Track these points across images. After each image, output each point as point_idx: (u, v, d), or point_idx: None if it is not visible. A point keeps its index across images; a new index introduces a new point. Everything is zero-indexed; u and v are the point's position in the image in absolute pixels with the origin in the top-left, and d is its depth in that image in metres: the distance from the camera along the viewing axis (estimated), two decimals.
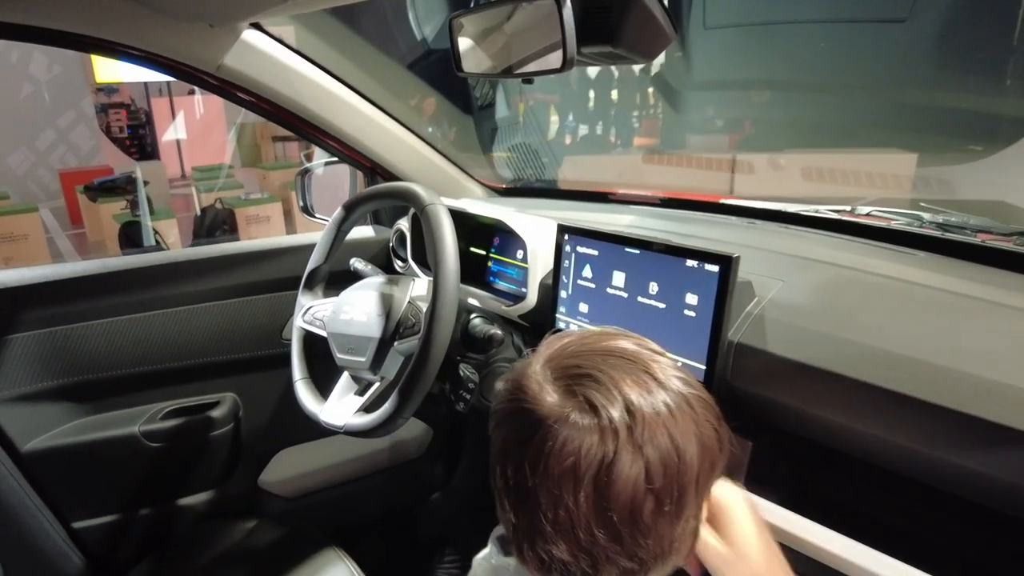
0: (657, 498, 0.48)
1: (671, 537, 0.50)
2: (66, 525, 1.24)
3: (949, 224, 1.02)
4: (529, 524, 0.51)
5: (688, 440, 0.49)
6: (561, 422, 0.48)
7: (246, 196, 6.34)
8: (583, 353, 0.52)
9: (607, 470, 0.47)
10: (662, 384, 0.50)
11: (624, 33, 0.68)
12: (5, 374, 1.16)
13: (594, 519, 0.48)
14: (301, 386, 1.13)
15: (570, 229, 1.00)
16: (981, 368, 0.68)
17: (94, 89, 8.30)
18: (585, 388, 0.49)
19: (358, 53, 4.55)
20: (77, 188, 6.55)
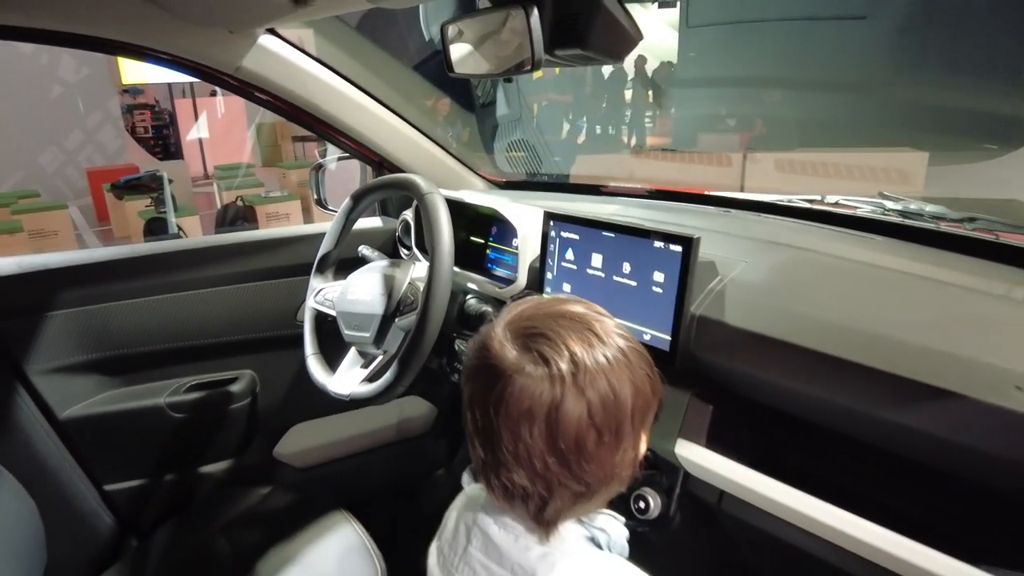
0: (598, 431, 0.58)
1: (612, 463, 0.60)
2: (98, 487, 1.36)
3: (908, 211, 1.10)
4: (494, 458, 0.61)
5: (623, 385, 0.59)
6: (518, 373, 0.58)
7: (266, 194, 6.51)
8: (537, 316, 0.63)
9: (556, 410, 0.57)
10: (602, 340, 0.60)
11: (592, 37, 0.77)
12: (45, 348, 1.28)
13: (547, 449, 0.58)
14: (312, 361, 1.24)
15: (555, 216, 1.10)
16: (916, 336, 0.76)
17: (120, 90, 8.53)
18: (538, 344, 0.59)
19: (373, 60, 4.70)
20: (104, 186, 6.75)
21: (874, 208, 1.15)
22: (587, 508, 0.65)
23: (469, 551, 0.68)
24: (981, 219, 1.03)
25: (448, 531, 0.74)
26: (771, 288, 0.93)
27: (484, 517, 0.68)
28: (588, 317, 0.62)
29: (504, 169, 4.60)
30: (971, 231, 1.00)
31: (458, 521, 0.73)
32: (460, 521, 0.72)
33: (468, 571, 0.68)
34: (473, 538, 0.69)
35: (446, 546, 0.73)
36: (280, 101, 1.40)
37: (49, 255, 1.30)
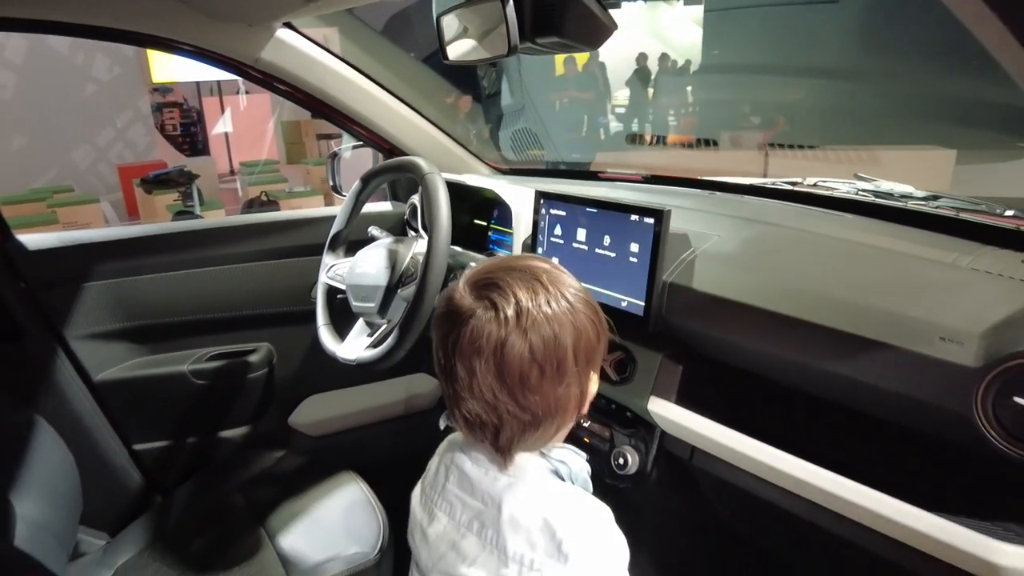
0: (540, 367, 0.66)
1: (555, 396, 0.69)
2: (128, 446, 1.48)
3: (880, 192, 1.17)
4: (454, 392, 0.70)
5: (563, 328, 0.67)
6: (472, 316, 0.67)
7: (290, 190, 6.67)
8: (494, 270, 0.71)
9: (501, 347, 0.66)
10: (547, 288, 0.68)
11: (566, 25, 0.85)
12: (82, 315, 1.40)
13: (495, 383, 0.67)
14: (323, 330, 1.33)
15: (545, 194, 1.18)
16: (864, 297, 0.83)
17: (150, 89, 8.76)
18: (489, 292, 0.68)
19: (397, 62, 4.85)
20: (134, 181, 6.95)
21: (849, 190, 1.22)
22: (539, 438, 0.72)
23: (447, 487, 0.77)
24: (945, 198, 1.09)
25: (431, 473, 0.82)
26: (738, 258, 1.01)
27: (460, 455, 0.77)
28: (538, 270, 0.71)
29: (508, 156, 4.72)
30: (935, 209, 1.07)
31: (439, 463, 0.82)
32: (440, 463, 0.81)
33: (445, 505, 0.77)
34: (450, 475, 0.77)
35: (428, 486, 0.81)
36: (298, 91, 1.51)
37: (86, 231, 1.42)
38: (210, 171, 7.91)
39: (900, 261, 0.91)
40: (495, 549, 0.70)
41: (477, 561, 0.71)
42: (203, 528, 1.31)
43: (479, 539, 0.72)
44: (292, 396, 1.67)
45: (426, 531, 0.78)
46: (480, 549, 0.72)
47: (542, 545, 0.68)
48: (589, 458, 0.82)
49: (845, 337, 0.80)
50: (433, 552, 0.76)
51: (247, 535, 1.26)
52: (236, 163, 8.87)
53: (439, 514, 0.77)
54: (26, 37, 6.65)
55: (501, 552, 0.70)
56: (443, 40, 0.99)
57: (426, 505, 0.80)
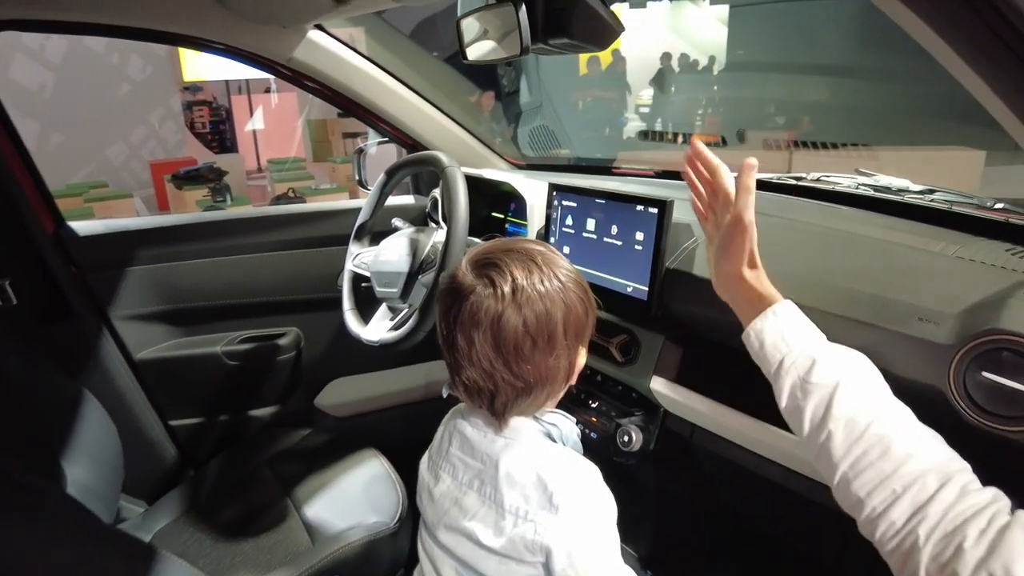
0: (532, 339, 0.73)
1: (546, 366, 0.75)
2: (164, 422, 1.58)
3: (879, 186, 1.22)
4: (455, 361, 0.77)
5: (555, 304, 0.74)
6: (472, 292, 0.74)
7: (316, 187, 6.81)
8: (493, 251, 0.78)
9: (498, 320, 0.73)
10: (541, 268, 0.75)
11: (574, 28, 0.92)
12: (126, 297, 1.50)
13: (492, 352, 0.73)
14: (349, 315, 1.42)
15: (557, 187, 1.25)
16: (853, 282, 0.89)
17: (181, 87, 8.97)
18: (488, 271, 0.75)
19: (425, 64, 4.97)
20: (165, 177, 7.15)
21: (850, 184, 1.27)
22: (531, 404, 0.78)
23: (450, 451, 0.84)
24: (940, 192, 1.14)
25: (436, 440, 0.90)
26: None
27: (461, 422, 0.84)
28: (534, 252, 0.77)
29: (526, 153, 4.80)
30: (929, 202, 1.12)
31: (443, 431, 0.89)
32: (444, 430, 0.89)
33: (449, 467, 0.84)
34: (453, 440, 0.85)
35: (434, 452, 0.89)
36: (327, 89, 1.59)
37: (130, 219, 1.52)
38: (238, 168, 8.08)
39: (890, 249, 0.97)
40: (493, 503, 0.77)
41: (478, 515, 0.78)
42: (234, 498, 1.40)
43: (479, 495, 0.79)
44: (318, 378, 1.76)
45: (432, 491, 0.85)
46: (480, 504, 0.79)
47: (535, 498, 0.75)
48: (593, 434, 0.89)
49: (832, 318, 0.85)
50: (438, 509, 0.83)
51: (275, 505, 1.35)
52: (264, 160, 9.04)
53: (443, 475, 0.84)
54: (65, 38, 6.87)
55: (499, 506, 0.77)
56: (462, 41, 1.06)
57: (432, 469, 0.87)
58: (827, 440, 0.68)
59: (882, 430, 0.66)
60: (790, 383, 0.73)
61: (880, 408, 0.68)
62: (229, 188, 6.16)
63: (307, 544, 1.23)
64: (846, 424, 0.67)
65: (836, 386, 0.70)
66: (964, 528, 0.57)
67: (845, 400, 0.69)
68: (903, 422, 0.67)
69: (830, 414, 0.69)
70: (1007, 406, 0.70)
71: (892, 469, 0.63)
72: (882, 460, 0.64)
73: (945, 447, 0.66)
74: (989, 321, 0.72)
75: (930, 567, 0.58)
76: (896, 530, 0.61)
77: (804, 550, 1.14)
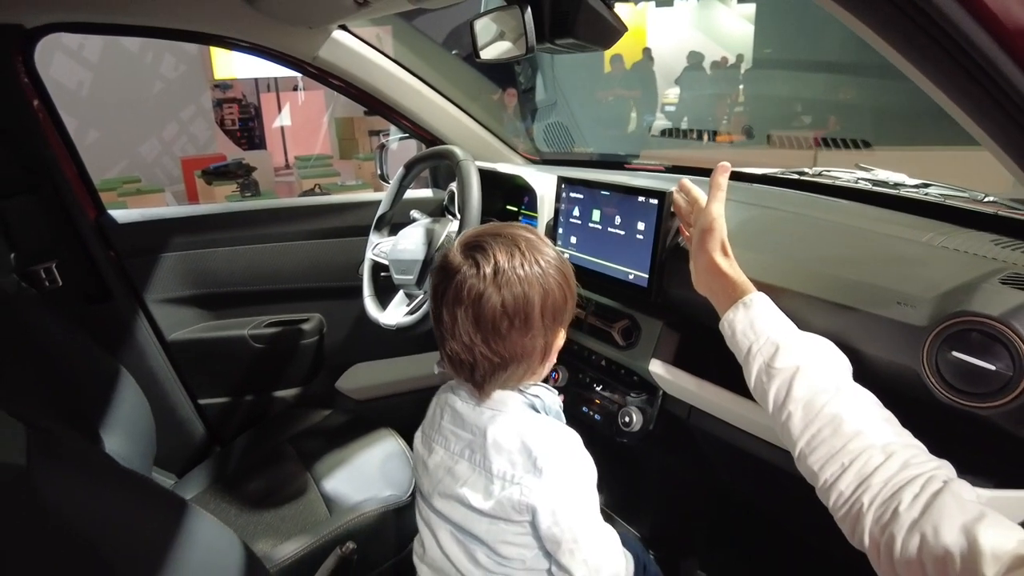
0: (510, 319, 0.79)
1: (521, 344, 0.80)
2: (194, 400, 1.67)
3: (877, 180, 1.26)
4: (440, 334, 0.83)
5: (533, 287, 0.80)
6: (458, 272, 0.80)
7: (342, 183, 6.94)
8: (482, 234, 0.84)
9: (479, 299, 0.78)
10: (523, 254, 0.81)
11: (579, 28, 0.98)
12: (159, 282, 1.59)
13: (472, 329, 0.79)
14: (368, 301, 1.49)
15: (566, 179, 1.31)
16: (841, 269, 0.94)
17: (212, 85, 9.18)
18: (475, 253, 0.81)
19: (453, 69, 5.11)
20: (195, 173, 7.34)
21: (850, 178, 1.31)
22: (508, 378, 0.83)
23: (442, 424, 0.91)
24: (935, 186, 1.18)
25: (428, 416, 0.96)
26: (735, 236, 1.10)
27: (451, 397, 0.91)
28: (519, 237, 0.83)
29: (541, 148, 4.91)
30: (924, 195, 1.16)
31: (435, 407, 0.95)
32: (436, 406, 0.95)
33: (441, 439, 0.90)
34: (444, 414, 0.91)
35: (427, 426, 0.95)
36: (350, 86, 1.67)
37: (165, 208, 1.62)
38: (266, 164, 8.25)
39: (879, 239, 1.01)
40: (483, 470, 0.84)
41: (468, 481, 0.85)
42: (258, 472, 1.48)
43: (469, 463, 0.85)
44: (340, 363, 1.84)
45: (426, 462, 0.92)
46: (471, 471, 0.85)
47: (520, 463, 0.81)
48: (597, 415, 0.94)
49: (820, 303, 0.90)
50: (432, 478, 0.90)
51: (296, 479, 1.43)
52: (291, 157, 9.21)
53: (436, 447, 0.90)
54: (101, 38, 7.08)
55: (487, 471, 0.83)
56: (475, 42, 1.12)
57: (425, 442, 0.94)
58: (787, 419, 0.75)
59: (835, 410, 0.72)
60: (756, 368, 0.80)
61: (836, 390, 0.74)
62: (257, 184, 6.32)
63: (325, 514, 1.31)
64: (804, 405, 0.74)
65: (796, 370, 0.76)
66: (900, 494, 0.63)
67: (804, 383, 0.75)
68: (857, 403, 0.73)
69: (790, 396, 0.75)
70: (974, 384, 0.74)
71: (841, 445, 0.69)
72: (833, 437, 0.70)
73: (894, 427, 0.72)
74: (961, 304, 0.77)
75: (873, 529, 0.64)
76: (845, 499, 0.68)
77: (799, 530, 1.19)
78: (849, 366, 0.80)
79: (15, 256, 1.36)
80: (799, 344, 0.79)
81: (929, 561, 0.58)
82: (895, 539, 0.61)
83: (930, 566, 0.58)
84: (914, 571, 0.59)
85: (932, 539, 0.58)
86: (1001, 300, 0.75)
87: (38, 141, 1.38)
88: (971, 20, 0.43)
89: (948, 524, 0.58)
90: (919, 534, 0.59)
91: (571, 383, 1.34)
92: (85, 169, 1.51)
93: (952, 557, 0.56)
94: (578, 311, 1.28)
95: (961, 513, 0.58)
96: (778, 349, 0.79)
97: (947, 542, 0.57)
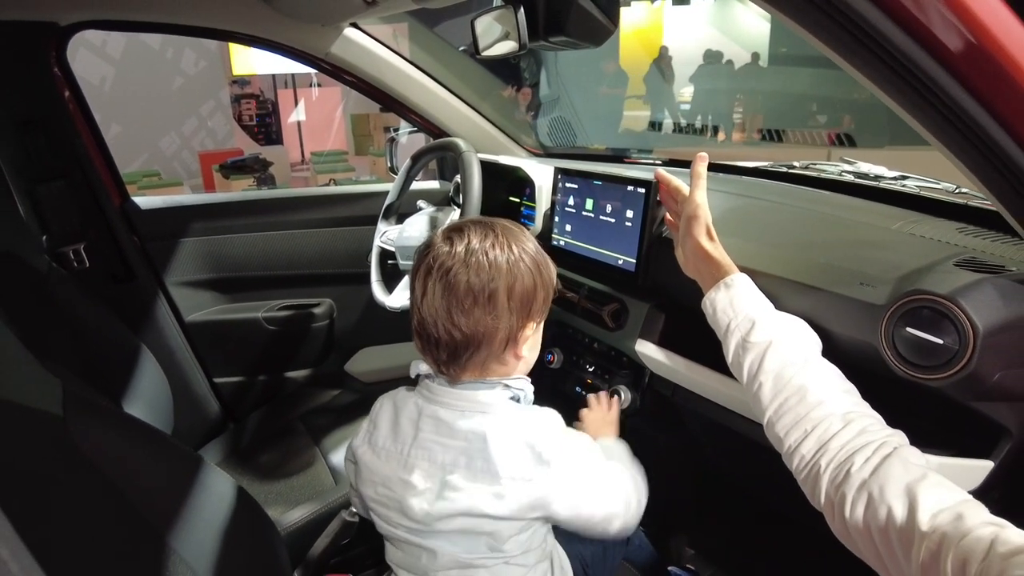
0: (474, 296, 0.80)
1: (484, 324, 0.81)
2: (209, 379, 1.76)
3: (859, 172, 1.31)
4: (412, 305, 0.85)
5: (499, 270, 0.82)
6: (434, 249, 0.84)
7: (357, 179, 7.04)
8: (467, 222, 0.88)
9: (447, 273, 0.81)
10: (496, 238, 0.84)
11: (570, 27, 1.05)
12: (178, 265, 1.68)
13: (439, 302, 0.81)
14: (376, 285, 1.57)
15: (562, 170, 1.38)
16: (813, 253, 1.00)
17: (230, 81, 9.31)
18: (453, 234, 0.85)
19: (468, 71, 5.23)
20: (213, 167, 7.46)
21: (835, 171, 1.37)
22: (469, 360, 0.83)
23: (421, 437, 0.86)
24: (912, 178, 1.24)
25: (384, 431, 0.91)
26: (719, 224, 1.16)
27: (429, 407, 0.87)
28: (496, 224, 0.86)
29: (545, 142, 5.01)
30: (900, 187, 1.21)
31: (395, 419, 0.91)
32: (399, 419, 0.90)
33: (424, 452, 0.85)
34: (422, 426, 0.86)
35: (386, 442, 0.90)
36: (362, 82, 1.75)
37: (185, 196, 1.71)
38: (283, 159, 8.35)
39: (850, 226, 1.07)
40: (486, 474, 0.82)
41: (469, 490, 0.82)
42: (270, 446, 1.57)
43: (467, 471, 0.83)
44: (349, 346, 1.92)
45: (409, 480, 0.86)
46: (470, 479, 0.83)
47: (529, 459, 0.83)
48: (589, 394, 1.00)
49: (791, 284, 0.96)
50: (425, 496, 0.85)
51: (305, 452, 1.51)
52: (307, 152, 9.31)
53: (419, 462, 0.86)
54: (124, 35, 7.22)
55: (493, 475, 0.82)
56: (476, 39, 1.20)
57: (397, 459, 0.87)
58: (759, 389, 0.81)
59: (802, 381, 0.78)
60: (734, 343, 0.86)
61: (804, 362, 0.80)
62: (274, 178, 6.43)
63: (331, 484, 1.39)
64: (774, 376, 0.80)
65: (769, 344, 0.82)
66: (854, 457, 0.69)
67: (775, 356, 0.81)
68: (822, 376, 0.79)
69: (762, 368, 0.81)
70: (926, 357, 0.80)
71: (805, 412, 0.76)
72: (799, 405, 0.77)
73: (855, 398, 0.78)
74: (916, 284, 0.83)
75: (828, 489, 0.70)
76: (806, 462, 0.74)
77: (778, 503, 1.25)
78: (818, 342, 0.86)
79: (47, 238, 1.45)
80: (773, 321, 0.86)
81: (872, 518, 0.64)
82: (846, 497, 0.67)
83: (873, 523, 0.64)
84: (862, 528, 0.65)
85: (878, 497, 0.64)
86: (952, 280, 0.81)
87: (69, 130, 1.47)
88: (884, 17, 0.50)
89: (893, 484, 0.64)
90: (867, 493, 0.65)
91: (566, 364, 1.41)
92: (111, 158, 1.60)
93: (894, 513, 0.61)
94: (572, 295, 1.36)
95: (906, 474, 0.64)
96: (754, 325, 0.85)
97: (891, 499, 0.62)
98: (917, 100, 0.60)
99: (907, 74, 0.56)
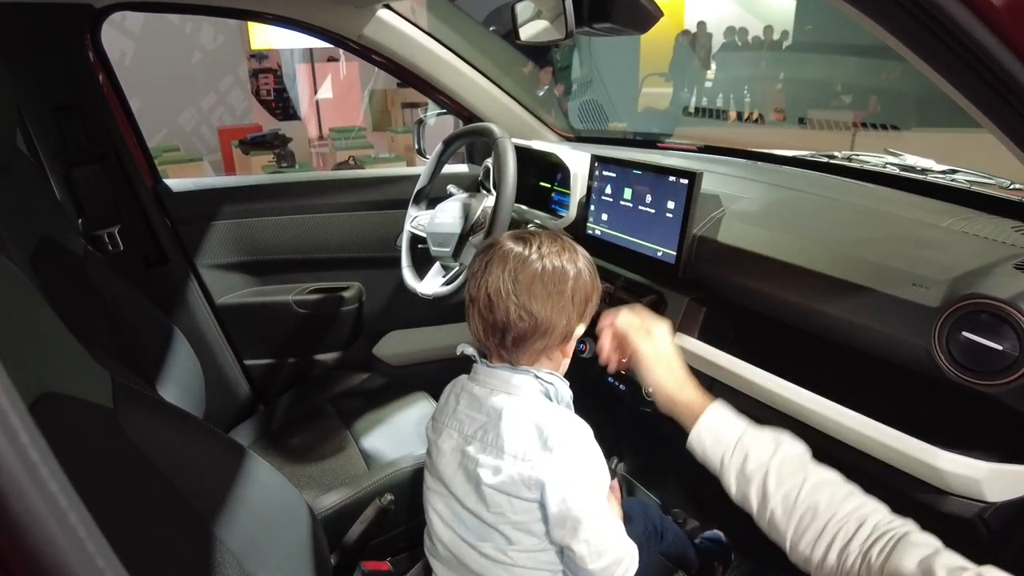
0: (544, 284, 0.88)
1: (549, 311, 0.87)
2: (240, 361, 1.77)
3: (905, 165, 1.28)
4: (472, 299, 0.91)
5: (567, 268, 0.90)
6: (504, 245, 0.90)
7: (375, 155, 7.02)
8: (530, 232, 0.93)
9: (523, 261, 0.88)
10: (561, 246, 0.91)
11: (617, 13, 1.02)
12: (209, 248, 1.69)
13: (509, 285, 0.87)
14: (407, 271, 1.57)
15: (599, 158, 1.36)
16: (862, 251, 0.98)
17: (248, 55, 9.27)
18: (523, 236, 0.92)
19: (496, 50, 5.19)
20: (232, 142, 7.47)
21: (878, 163, 1.33)
22: (530, 348, 0.90)
23: (457, 410, 0.95)
24: (961, 172, 1.20)
25: (441, 404, 1.00)
26: (761, 217, 1.16)
27: (468, 383, 0.95)
28: (558, 236, 0.94)
29: (576, 126, 4.97)
30: (950, 181, 1.18)
31: (448, 396, 1.00)
32: (450, 395, 0.99)
33: (456, 423, 0.94)
34: (460, 400, 0.95)
35: (439, 414, 0.99)
36: (392, 64, 1.73)
37: (216, 178, 1.71)
38: (301, 136, 8.35)
39: (899, 223, 1.05)
40: (495, 448, 0.88)
41: (479, 460, 0.89)
42: (300, 429, 1.58)
43: (481, 443, 0.90)
44: (377, 330, 1.93)
45: (440, 446, 0.96)
46: (482, 450, 0.90)
47: (533, 441, 0.86)
48: (622, 386, 1.00)
49: (838, 282, 0.95)
50: (449, 463, 0.94)
51: (336, 436, 1.52)
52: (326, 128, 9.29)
53: (450, 432, 0.95)
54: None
55: (500, 449, 0.88)
56: (516, 23, 1.17)
57: (437, 429, 0.98)
58: (771, 516, 0.82)
59: (810, 499, 0.79)
60: (733, 478, 0.86)
61: (804, 480, 0.81)
62: (293, 155, 6.42)
63: (364, 469, 1.40)
64: (782, 499, 0.81)
65: (767, 472, 0.82)
66: (872, 549, 0.71)
67: (777, 481, 0.82)
68: (824, 486, 0.80)
69: (767, 495, 0.82)
70: (982, 362, 0.79)
71: (821, 527, 0.77)
72: (814, 521, 0.78)
73: (859, 496, 0.79)
74: (972, 287, 0.81)
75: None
76: (834, 570, 0.75)
77: None
78: (807, 449, 0.86)
79: (82, 221, 1.46)
80: (763, 445, 0.86)
81: None
82: None
83: None
84: None
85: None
86: (1011, 284, 0.79)
87: (104, 114, 1.47)
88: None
89: (908, 560, 0.66)
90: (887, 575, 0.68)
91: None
92: (144, 140, 1.59)
93: None
94: (607, 285, 1.35)
95: (919, 551, 0.67)
96: (747, 456, 0.85)
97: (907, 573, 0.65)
98: (967, 75, 0.57)
99: (957, 45, 0.53)
